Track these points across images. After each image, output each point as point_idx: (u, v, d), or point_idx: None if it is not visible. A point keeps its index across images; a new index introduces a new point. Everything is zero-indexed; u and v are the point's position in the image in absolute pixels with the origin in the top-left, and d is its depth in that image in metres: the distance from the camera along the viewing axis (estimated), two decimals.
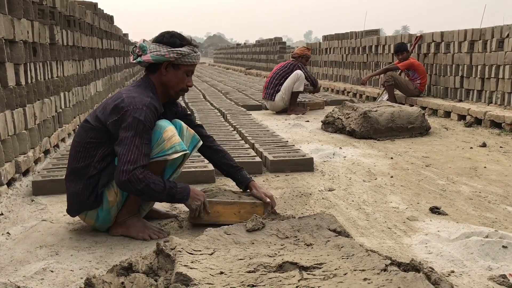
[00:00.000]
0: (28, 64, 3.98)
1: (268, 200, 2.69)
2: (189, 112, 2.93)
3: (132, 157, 2.33)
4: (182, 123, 2.68)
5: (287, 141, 4.66)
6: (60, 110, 5.05)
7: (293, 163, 3.89)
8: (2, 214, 2.90)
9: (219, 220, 2.57)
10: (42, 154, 4.21)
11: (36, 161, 4.00)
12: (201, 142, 2.73)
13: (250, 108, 7.88)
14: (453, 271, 2.09)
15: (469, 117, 6.26)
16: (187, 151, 2.53)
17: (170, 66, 2.54)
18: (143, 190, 2.34)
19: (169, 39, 2.53)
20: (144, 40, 2.57)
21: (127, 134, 2.36)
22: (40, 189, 3.32)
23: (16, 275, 2.11)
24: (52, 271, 2.13)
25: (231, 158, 2.87)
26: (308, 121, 6.67)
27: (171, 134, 2.45)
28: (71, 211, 2.58)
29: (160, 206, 2.94)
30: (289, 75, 7.25)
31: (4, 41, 3.42)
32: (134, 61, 2.55)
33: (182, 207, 2.96)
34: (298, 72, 7.24)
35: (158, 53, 2.49)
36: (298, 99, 7.61)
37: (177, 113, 2.79)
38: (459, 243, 2.34)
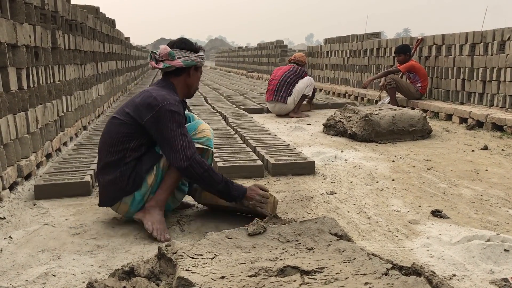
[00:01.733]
0: (30, 68, 3.99)
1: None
2: None
3: (186, 143, 2.53)
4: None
5: (289, 144, 4.66)
6: (62, 114, 5.06)
7: (294, 167, 3.90)
8: (4, 218, 2.91)
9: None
10: (44, 158, 4.23)
11: (38, 165, 4.01)
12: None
13: (252, 111, 7.89)
14: (454, 275, 2.09)
15: (471, 120, 6.25)
16: (211, 149, 2.80)
17: (193, 69, 2.78)
18: (204, 176, 2.54)
19: (190, 46, 2.78)
20: (169, 48, 2.75)
21: (171, 126, 2.54)
22: (42, 193, 3.33)
23: (18, 280, 2.11)
24: (54, 275, 2.14)
25: None
26: (309, 124, 6.68)
27: (205, 128, 2.80)
28: (107, 200, 2.69)
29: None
30: (299, 79, 7.48)
31: (6, 45, 3.44)
32: (162, 67, 2.70)
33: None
34: (311, 78, 7.60)
35: (187, 59, 2.72)
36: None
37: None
38: (460, 247, 2.34)
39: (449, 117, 6.82)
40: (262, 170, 3.83)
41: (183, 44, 2.76)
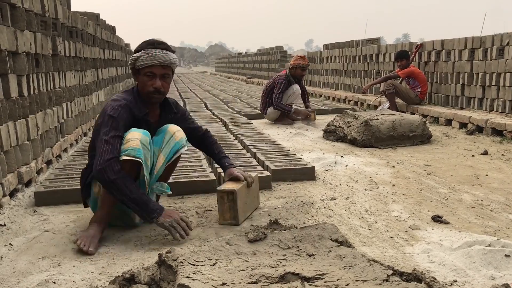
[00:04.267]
0: (31, 75, 4.00)
1: (242, 178, 2.90)
2: (188, 112, 3.15)
3: (108, 148, 2.47)
4: (169, 130, 2.76)
5: (289, 150, 4.66)
6: (63, 120, 5.07)
7: (294, 172, 3.89)
8: (4, 225, 2.91)
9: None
10: (45, 164, 4.23)
11: (39, 172, 4.01)
12: (184, 148, 2.77)
13: (252, 117, 7.90)
14: (455, 281, 2.08)
15: (471, 125, 6.26)
16: (139, 159, 2.50)
17: (135, 72, 2.71)
18: (116, 182, 2.42)
19: (138, 47, 2.71)
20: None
21: (104, 129, 2.53)
22: (43, 200, 3.32)
23: (19, 287, 2.11)
24: (54, 283, 2.13)
25: (218, 148, 3.11)
26: (307, 130, 6.68)
27: (131, 138, 2.53)
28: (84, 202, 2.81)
29: None
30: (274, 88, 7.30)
31: (7, 52, 3.44)
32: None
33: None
34: (294, 87, 7.23)
35: (130, 61, 2.72)
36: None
37: (174, 119, 2.90)
38: (461, 252, 2.34)
39: (449, 122, 6.83)
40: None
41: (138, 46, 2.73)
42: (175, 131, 2.77)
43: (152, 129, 2.72)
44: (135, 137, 2.53)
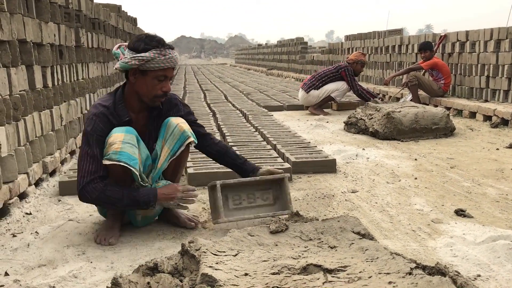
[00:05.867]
0: (55, 66, 4.06)
1: (281, 172, 2.78)
2: (193, 115, 2.81)
3: (86, 167, 2.41)
4: (172, 120, 2.58)
5: (309, 142, 4.65)
6: (86, 111, 5.13)
7: (315, 165, 3.88)
8: (30, 213, 2.97)
9: None
10: (68, 154, 4.30)
11: (63, 162, 4.08)
12: (189, 139, 2.56)
13: (272, 109, 7.89)
14: (479, 275, 2.06)
15: (495, 118, 6.14)
16: (121, 163, 2.35)
17: (138, 73, 2.44)
18: (99, 198, 2.41)
19: (134, 44, 2.44)
20: (120, 46, 2.51)
21: (83, 143, 2.47)
22: (67, 189, 3.38)
23: (44, 274, 2.15)
24: (79, 270, 2.17)
25: (234, 153, 2.88)
26: (328, 122, 6.64)
27: (113, 141, 2.38)
28: None
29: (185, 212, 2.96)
30: (334, 75, 7.39)
31: (32, 44, 3.50)
32: (115, 68, 2.53)
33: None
34: (345, 84, 7.42)
35: (124, 61, 2.42)
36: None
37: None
38: (485, 247, 2.30)
39: (472, 115, 6.71)
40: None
41: (130, 42, 2.48)
42: (178, 122, 2.58)
43: (138, 134, 2.53)
44: (118, 139, 2.38)
